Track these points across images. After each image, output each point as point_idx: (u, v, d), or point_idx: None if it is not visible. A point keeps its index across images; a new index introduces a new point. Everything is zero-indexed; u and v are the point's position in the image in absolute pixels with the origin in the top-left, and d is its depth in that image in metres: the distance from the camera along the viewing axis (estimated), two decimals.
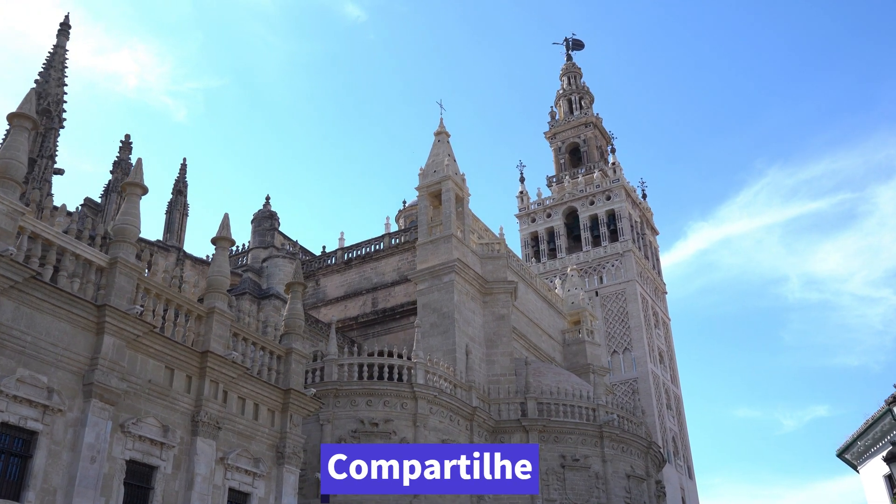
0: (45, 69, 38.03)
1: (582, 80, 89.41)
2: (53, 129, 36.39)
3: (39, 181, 34.62)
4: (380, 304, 44.34)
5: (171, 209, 43.14)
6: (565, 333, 51.87)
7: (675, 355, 76.50)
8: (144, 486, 19.14)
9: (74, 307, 18.17)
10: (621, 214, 75.06)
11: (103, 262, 19.38)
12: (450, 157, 42.76)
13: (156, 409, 19.84)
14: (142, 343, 19.62)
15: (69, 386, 17.87)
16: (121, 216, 20.60)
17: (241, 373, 22.06)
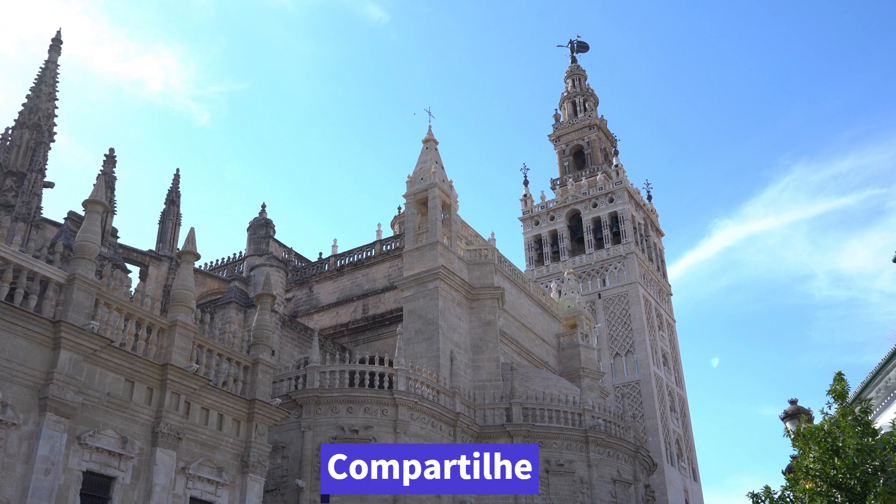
0: (37, 84, 38.89)
1: (586, 83, 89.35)
2: (43, 143, 37.21)
3: (29, 195, 35.50)
4: (370, 310, 44.81)
5: (164, 219, 43.93)
6: (560, 337, 51.98)
7: (680, 357, 76.24)
8: (102, 497, 19.68)
9: (30, 324, 18.75)
10: (624, 217, 74.96)
11: (61, 279, 19.95)
12: (437, 165, 43.09)
13: (115, 420, 20.38)
14: (100, 357, 20.17)
15: (24, 400, 18.45)
16: (81, 233, 21.19)
17: (203, 384, 22.56)
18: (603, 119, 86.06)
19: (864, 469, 13.35)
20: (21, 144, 36.96)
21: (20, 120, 37.37)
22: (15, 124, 37.35)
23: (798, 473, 14.48)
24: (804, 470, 14.13)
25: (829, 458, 13.72)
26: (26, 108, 37.80)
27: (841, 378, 15.11)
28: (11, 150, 36.76)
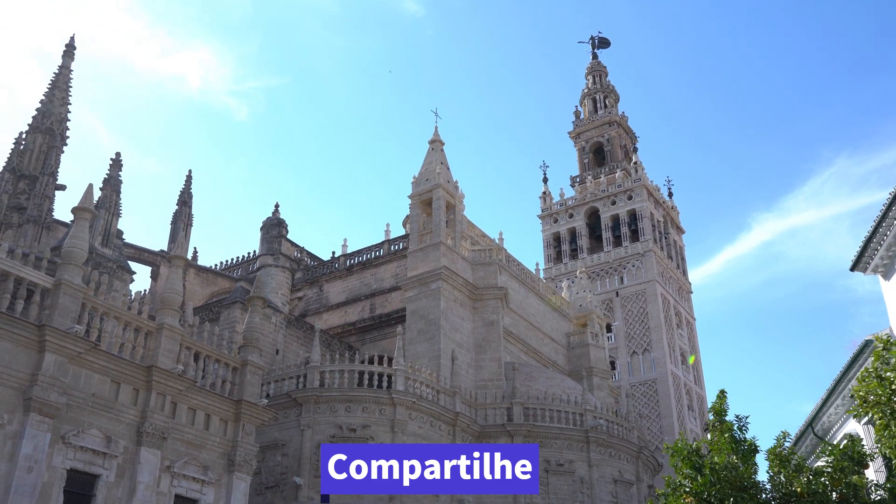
0: (50, 89, 39.93)
1: (607, 79, 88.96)
2: (55, 147, 38.20)
3: (40, 198, 36.57)
4: (377, 309, 45.36)
5: (176, 219, 44.90)
6: (570, 336, 52.07)
7: (699, 356, 75.80)
8: (87, 494, 20.44)
9: (15, 327, 19.53)
10: (642, 214, 74.64)
11: (48, 284, 20.72)
12: (442, 165, 43.44)
13: (100, 420, 21.12)
14: (85, 359, 20.92)
15: (9, 401, 19.24)
16: (68, 239, 21.94)
17: (189, 385, 23.22)
18: (623, 116, 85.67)
19: (721, 487, 13.56)
20: (34, 148, 38.03)
21: (34, 124, 38.42)
22: (29, 128, 38.44)
23: (667, 487, 14.71)
24: (674, 486, 14.38)
25: (693, 475, 13.95)
26: (40, 113, 38.86)
27: (722, 395, 15.22)
28: (25, 153, 37.88)
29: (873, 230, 16.89)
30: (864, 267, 18.21)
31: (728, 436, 14.64)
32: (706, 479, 13.83)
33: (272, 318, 38.50)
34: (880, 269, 17.81)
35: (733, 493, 13.63)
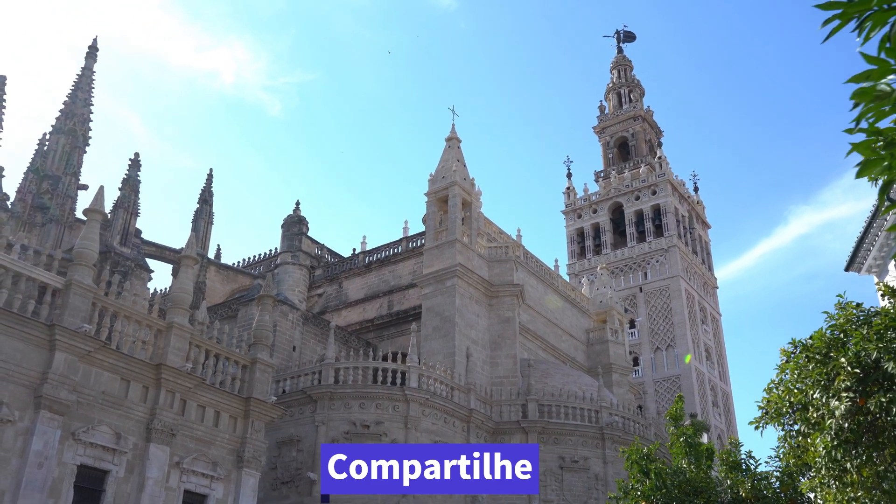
0: (73, 90, 40.76)
1: (632, 73, 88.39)
2: (78, 147, 39.06)
3: (63, 197, 37.39)
4: (395, 306, 45.67)
5: (197, 218, 45.53)
6: (590, 333, 51.98)
7: (725, 352, 75.20)
8: (96, 489, 20.97)
9: (26, 327, 20.09)
10: (666, 209, 74.14)
11: (59, 285, 21.27)
12: (458, 163, 43.57)
13: (110, 417, 21.64)
14: (95, 357, 21.44)
15: (20, 398, 19.80)
16: (80, 240, 22.47)
17: (198, 383, 23.68)
18: (649, 110, 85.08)
19: (668, 491, 13.62)
20: (57, 149, 38.87)
21: (57, 125, 39.27)
22: (52, 129, 39.29)
23: (619, 491, 14.80)
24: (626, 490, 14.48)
25: (643, 479, 14.02)
26: (63, 114, 39.68)
27: (680, 399, 15.19)
28: (48, 154, 38.73)
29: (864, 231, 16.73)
30: (857, 267, 18.05)
31: (682, 440, 14.69)
32: (652, 482, 13.94)
33: (289, 315, 38.99)
34: (874, 270, 17.65)
35: (681, 497, 13.72)
